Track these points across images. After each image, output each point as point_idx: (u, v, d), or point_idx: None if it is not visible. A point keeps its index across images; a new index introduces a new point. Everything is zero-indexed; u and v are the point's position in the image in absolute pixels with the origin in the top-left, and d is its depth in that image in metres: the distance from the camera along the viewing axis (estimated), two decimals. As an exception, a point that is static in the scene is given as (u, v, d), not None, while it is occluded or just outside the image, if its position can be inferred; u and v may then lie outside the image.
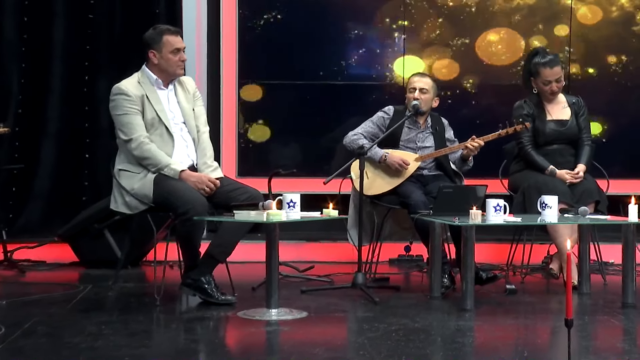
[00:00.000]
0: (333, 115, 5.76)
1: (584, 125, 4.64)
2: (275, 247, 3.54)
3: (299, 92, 5.78)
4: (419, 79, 4.58)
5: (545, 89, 4.57)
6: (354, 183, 4.46)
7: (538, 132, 4.59)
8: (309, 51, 5.75)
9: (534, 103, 4.62)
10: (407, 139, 4.56)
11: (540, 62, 4.54)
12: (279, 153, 5.80)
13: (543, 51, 4.62)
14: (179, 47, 3.87)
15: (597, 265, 4.59)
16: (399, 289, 4.23)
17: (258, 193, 3.86)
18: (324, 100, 5.77)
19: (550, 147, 4.61)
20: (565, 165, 4.57)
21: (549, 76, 4.54)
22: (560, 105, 4.67)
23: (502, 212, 3.67)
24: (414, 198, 4.25)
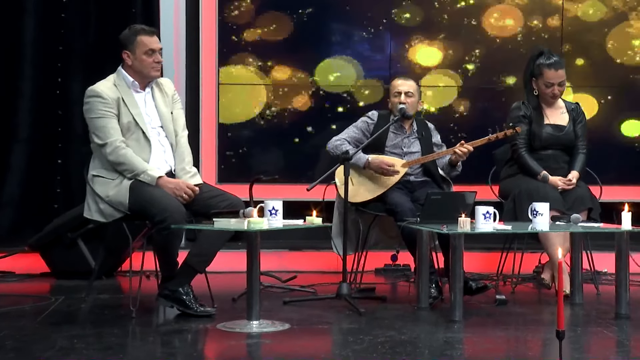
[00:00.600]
0: (317, 118, 5.77)
1: (580, 132, 4.69)
2: (257, 257, 3.54)
3: (279, 95, 5.79)
4: (402, 82, 4.61)
5: (546, 91, 4.61)
6: (338, 189, 4.47)
7: (534, 136, 4.63)
8: (292, 52, 5.77)
9: (532, 105, 4.66)
10: (392, 145, 4.58)
11: (545, 64, 4.58)
12: (261, 159, 5.81)
13: (548, 52, 4.65)
14: (153, 48, 3.87)
15: (590, 275, 4.63)
16: (385, 300, 4.24)
17: (239, 200, 3.86)
18: (310, 103, 5.79)
19: (545, 152, 4.65)
20: (559, 172, 4.61)
21: (552, 78, 4.58)
22: (559, 110, 4.72)
23: (491, 220, 3.69)
24: (400, 205, 4.27)
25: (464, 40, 5.79)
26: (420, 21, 5.79)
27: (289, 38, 5.77)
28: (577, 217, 3.97)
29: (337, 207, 4.59)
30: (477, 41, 5.78)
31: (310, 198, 4.42)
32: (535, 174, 4.56)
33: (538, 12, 5.77)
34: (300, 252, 5.48)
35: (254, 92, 5.78)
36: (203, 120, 5.75)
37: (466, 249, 3.72)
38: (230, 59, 5.74)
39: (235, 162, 5.80)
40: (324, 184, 4.33)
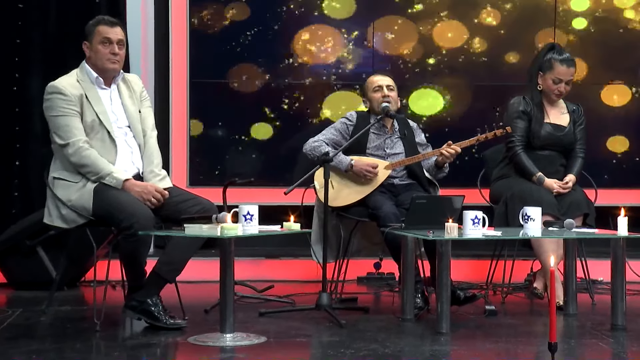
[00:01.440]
0: (295, 118, 5.78)
1: (580, 135, 4.73)
2: (231, 265, 3.53)
3: (257, 92, 5.79)
4: (381, 77, 4.63)
5: (553, 87, 4.65)
6: (317, 193, 4.48)
7: (533, 134, 4.66)
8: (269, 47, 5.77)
9: (533, 102, 4.69)
10: (374, 146, 4.59)
11: (557, 58, 4.62)
12: (235, 161, 5.80)
13: (560, 48, 4.71)
14: (109, 37, 3.85)
15: (585, 284, 4.66)
16: (368, 311, 4.25)
17: (211, 205, 3.85)
18: (287, 102, 5.79)
19: (542, 152, 4.68)
20: (555, 175, 4.64)
21: (562, 74, 4.62)
22: (560, 110, 4.76)
23: (480, 225, 3.71)
24: (384, 210, 4.28)
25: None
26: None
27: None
28: (570, 223, 4.00)
29: (316, 211, 4.60)
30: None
31: (288, 202, 4.41)
32: (531, 175, 4.59)
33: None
34: (278, 260, 5.48)
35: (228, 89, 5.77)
36: (173, 119, 5.73)
37: (454, 256, 3.73)
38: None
39: (208, 164, 5.79)
40: (303, 188, 4.33)
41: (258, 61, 5.76)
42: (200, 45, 5.73)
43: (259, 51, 5.76)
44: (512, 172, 4.69)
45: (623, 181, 5.82)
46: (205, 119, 5.79)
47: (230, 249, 3.53)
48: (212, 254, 4.94)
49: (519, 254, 4.76)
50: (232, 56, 5.75)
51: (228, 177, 4.73)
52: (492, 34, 5.81)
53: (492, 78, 5.81)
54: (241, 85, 5.77)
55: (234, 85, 5.77)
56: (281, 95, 5.78)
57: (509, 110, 4.70)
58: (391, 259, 4.37)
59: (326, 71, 5.79)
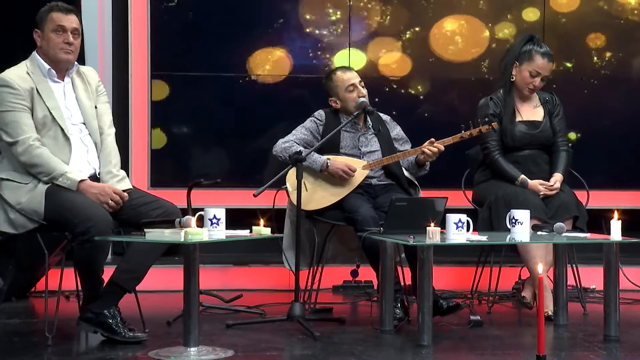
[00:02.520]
0: (265, 114, 5.78)
1: (559, 127, 4.76)
2: (195, 273, 3.52)
3: (224, 87, 5.79)
4: (352, 74, 4.63)
5: (528, 80, 4.68)
6: (290, 195, 4.48)
7: (506, 135, 4.68)
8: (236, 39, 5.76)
9: (501, 101, 4.71)
10: (348, 145, 4.60)
11: (539, 51, 4.65)
12: (200, 160, 5.78)
13: (539, 40, 4.74)
14: (63, 25, 3.83)
15: (576, 292, 4.70)
16: (344, 322, 4.26)
17: (175, 208, 3.84)
18: (254, 96, 5.79)
19: (521, 152, 4.71)
20: (539, 175, 4.67)
21: (542, 68, 4.65)
22: (532, 104, 4.78)
23: (464, 230, 3.73)
24: (361, 213, 4.28)
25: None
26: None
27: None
28: (560, 227, 4.02)
29: (288, 215, 4.59)
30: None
31: (258, 205, 4.40)
32: (513, 179, 4.61)
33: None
34: (246, 268, 5.47)
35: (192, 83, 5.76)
36: (133, 115, 5.71)
37: (436, 262, 3.74)
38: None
39: (170, 164, 5.77)
40: (274, 189, 4.33)
41: (225, 53, 5.75)
42: (163, 34, 5.71)
43: (227, 42, 5.75)
44: (493, 176, 4.72)
45: (617, 181, 5.88)
46: (167, 117, 5.77)
47: (194, 256, 3.52)
48: (176, 261, 4.94)
49: (506, 261, 4.79)
50: (198, 47, 5.73)
51: (193, 178, 4.70)
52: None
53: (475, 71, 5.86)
54: (208, 78, 5.76)
55: (200, 78, 5.76)
56: (252, 90, 5.76)
57: (478, 114, 4.71)
58: (369, 266, 4.38)
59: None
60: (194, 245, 3.47)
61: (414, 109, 5.85)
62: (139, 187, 4.07)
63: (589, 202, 4.82)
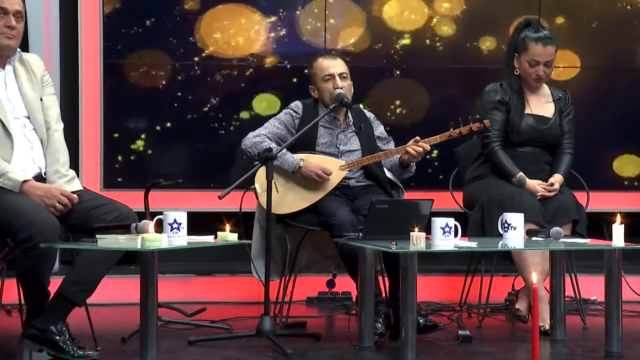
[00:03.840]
0: (234, 106, 5.77)
1: (567, 127, 4.79)
2: (154, 284, 3.51)
3: (186, 75, 5.77)
4: (332, 63, 4.63)
5: (530, 71, 4.70)
6: (259, 197, 4.47)
7: (512, 127, 4.70)
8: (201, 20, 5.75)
9: (513, 89, 4.73)
10: (325, 142, 4.60)
11: (532, 37, 4.67)
12: (159, 158, 5.77)
13: (537, 24, 4.75)
14: (4, 7, 3.80)
15: (575, 304, 4.73)
16: (319, 338, 4.26)
17: (130, 211, 3.83)
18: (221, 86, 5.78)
19: (523, 148, 4.73)
20: (539, 175, 4.69)
21: (538, 55, 4.67)
22: (544, 98, 4.81)
23: (452, 235, 3.74)
24: (338, 217, 4.28)
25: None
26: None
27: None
28: (558, 232, 4.04)
29: (257, 219, 4.59)
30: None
31: (224, 208, 4.40)
32: (510, 175, 4.64)
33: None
34: (211, 278, 5.46)
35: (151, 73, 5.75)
36: (84, 109, 5.68)
37: (421, 271, 3.75)
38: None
39: (126, 163, 5.75)
40: (241, 190, 4.32)
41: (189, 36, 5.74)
42: (118, 17, 5.68)
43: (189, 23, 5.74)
44: (488, 172, 4.74)
45: (618, 183, 5.92)
46: (122, 110, 5.74)
47: (152, 265, 3.51)
48: (131, 270, 4.91)
49: (498, 269, 4.80)
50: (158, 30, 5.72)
51: (151, 178, 4.68)
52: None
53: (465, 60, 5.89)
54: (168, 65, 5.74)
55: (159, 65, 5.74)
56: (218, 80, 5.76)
57: (484, 100, 4.75)
58: (347, 276, 4.38)
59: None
60: (152, 253, 3.46)
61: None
62: (90, 189, 4.05)
63: (589, 205, 4.86)
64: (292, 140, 4.44)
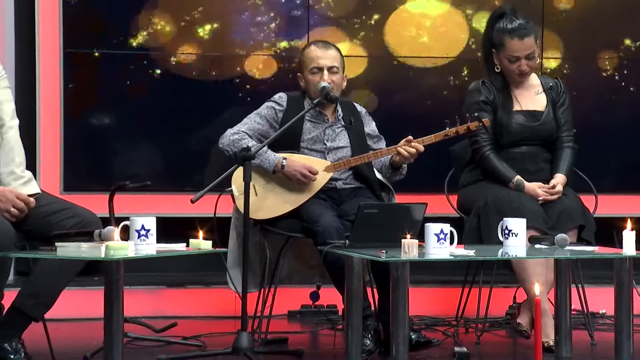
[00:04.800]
0: (205, 104, 5.77)
1: (564, 119, 4.79)
2: (119, 297, 3.50)
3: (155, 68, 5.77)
4: (323, 53, 4.62)
5: (511, 68, 4.70)
6: (236, 201, 4.47)
7: (501, 128, 4.71)
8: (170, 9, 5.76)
9: (497, 86, 4.73)
10: (311, 139, 4.61)
11: (506, 29, 4.66)
12: (126, 158, 5.76)
13: (511, 13, 4.71)
14: None
15: (582, 318, 4.74)
16: (302, 355, 4.26)
17: (93, 217, 3.83)
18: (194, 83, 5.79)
19: (517, 149, 4.74)
20: (538, 176, 4.70)
21: (516, 50, 4.67)
22: (532, 90, 4.81)
23: (448, 242, 3.74)
24: (322, 222, 4.29)
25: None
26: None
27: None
28: (563, 239, 4.05)
29: (234, 225, 4.59)
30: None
31: (197, 213, 4.39)
32: (507, 180, 4.64)
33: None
34: (182, 290, 5.46)
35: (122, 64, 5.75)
36: (42, 103, 5.67)
37: (413, 282, 3.75)
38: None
39: (88, 163, 5.74)
40: (216, 193, 4.32)
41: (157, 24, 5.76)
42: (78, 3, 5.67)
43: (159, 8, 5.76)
44: (484, 177, 4.74)
45: (630, 184, 5.95)
46: (84, 105, 5.73)
47: (118, 276, 3.49)
48: (95, 282, 4.90)
49: (498, 280, 4.82)
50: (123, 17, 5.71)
51: (116, 180, 4.68)
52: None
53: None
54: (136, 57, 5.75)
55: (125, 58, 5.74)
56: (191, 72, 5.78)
57: (467, 101, 4.74)
58: (332, 287, 4.39)
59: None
60: (117, 263, 3.45)
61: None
62: (48, 192, 4.05)
63: (597, 209, 4.87)
64: (273, 136, 4.42)
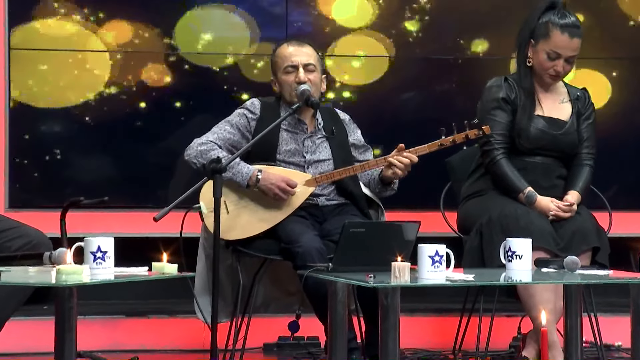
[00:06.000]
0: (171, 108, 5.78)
1: (587, 134, 4.81)
2: (72, 328, 3.50)
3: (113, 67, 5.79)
4: (296, 51, 4.64)
5: (547, 65, 4.71)
6: (204, 219, 4.47)
7: (519, 131, 4.71)
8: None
9: (522, 85, 4.75)
10: (288, 150, 4.62)
11: (558, 23, 4.67)
12: (80, 170, 5.75)
13: (562, 7, 4.73)
14: None
15: (595, 350, 4.75)
16: (280, 394, 4.27)
17: (43, 237, 3.83)
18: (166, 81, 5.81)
19: (532, 158, 4.75)
20: (551, 192, 4.71)
21: (562, 47, 4.68)
22: (558, 97, 4.84)
23: (444, 266, 3.75)
24: (302, 243, 4.29)
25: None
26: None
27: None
28: (574, 262, 4.06)
29: (202, 246, 4.59)
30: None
31: (160, 233, 4.39)
32: (517, 190, 4.65)
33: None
34: (144, 320, 5.45)
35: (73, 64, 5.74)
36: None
37: (406, 311, 3.76)
38: (32, 9, 5.68)
39: (38, 177, 5.73)
40: (182, 211, 4.32)
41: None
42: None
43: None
44: (489, 187, 4.75)
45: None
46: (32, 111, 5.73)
47: (71, 304, 3.49)
48: (45, 310, 4.89)
49: (501, 308, 4.84)
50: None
51: (69, 195, 4.67)
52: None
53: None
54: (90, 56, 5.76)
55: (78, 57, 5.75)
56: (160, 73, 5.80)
57: (485, 98, 4.76)
58: (314, 316, 4.40)
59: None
60: (69, 289, 3.44)
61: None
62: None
63: (612, 228, 4.89)
64: (246, 147, 4.42)
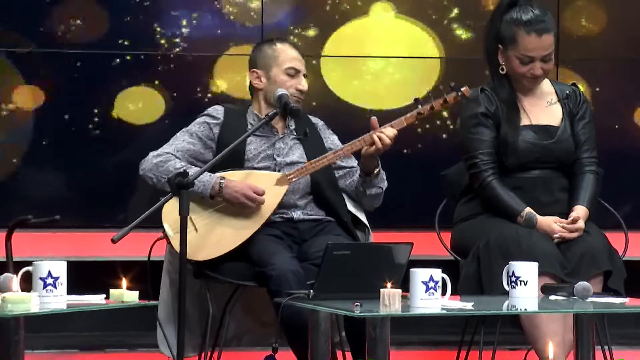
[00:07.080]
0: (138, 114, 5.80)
1: (584, 136, 4.80)
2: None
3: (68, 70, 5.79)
4: (298, 56, 4.70)
5: (521, 70, 4.71)
6: (170, 240, 4.46)
7: (506, 147, 4.72)
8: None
9: (500, 95, 4.75)
10: (257, 154, 4.63)
11: (520, 20, 4.66)
12: (29, 185, 5.74)
13: (526, 2, 4.72)
14: None
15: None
16: None
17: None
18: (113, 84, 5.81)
19: (527, 174, 4.75)
20: (554, 208, 4.72)
21: (531, 49, 4.67)
22: (545, 99, 4.83)
23: (439, 293, 3.75)
24: (276, 265, 4.29)
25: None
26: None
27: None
28: (585, 288, 4.07)
29: (167, 271, 4.59)
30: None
31: (119, 256, 4.37)
32: (514, 214, 4.65)
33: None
34: (101, 355, 5.46)
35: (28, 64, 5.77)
36: None
37: (396, 343, 3.76)
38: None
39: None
40: (144, 231, 4.31)
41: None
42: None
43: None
44: (485, 209, 4.75)
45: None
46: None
47: (17, 337, 3.49)
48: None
49: (503, 340, 4.85)
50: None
51: (15, 214, 4.66)
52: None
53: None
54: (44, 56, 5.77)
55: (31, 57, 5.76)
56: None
57: (463, 115, 4.76)
58: (291, 350, 4.39)
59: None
60: (15, 320, 3.45)
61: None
62: None
63: (628, 250, 4.89)
64: (218, 158, 4.40)
